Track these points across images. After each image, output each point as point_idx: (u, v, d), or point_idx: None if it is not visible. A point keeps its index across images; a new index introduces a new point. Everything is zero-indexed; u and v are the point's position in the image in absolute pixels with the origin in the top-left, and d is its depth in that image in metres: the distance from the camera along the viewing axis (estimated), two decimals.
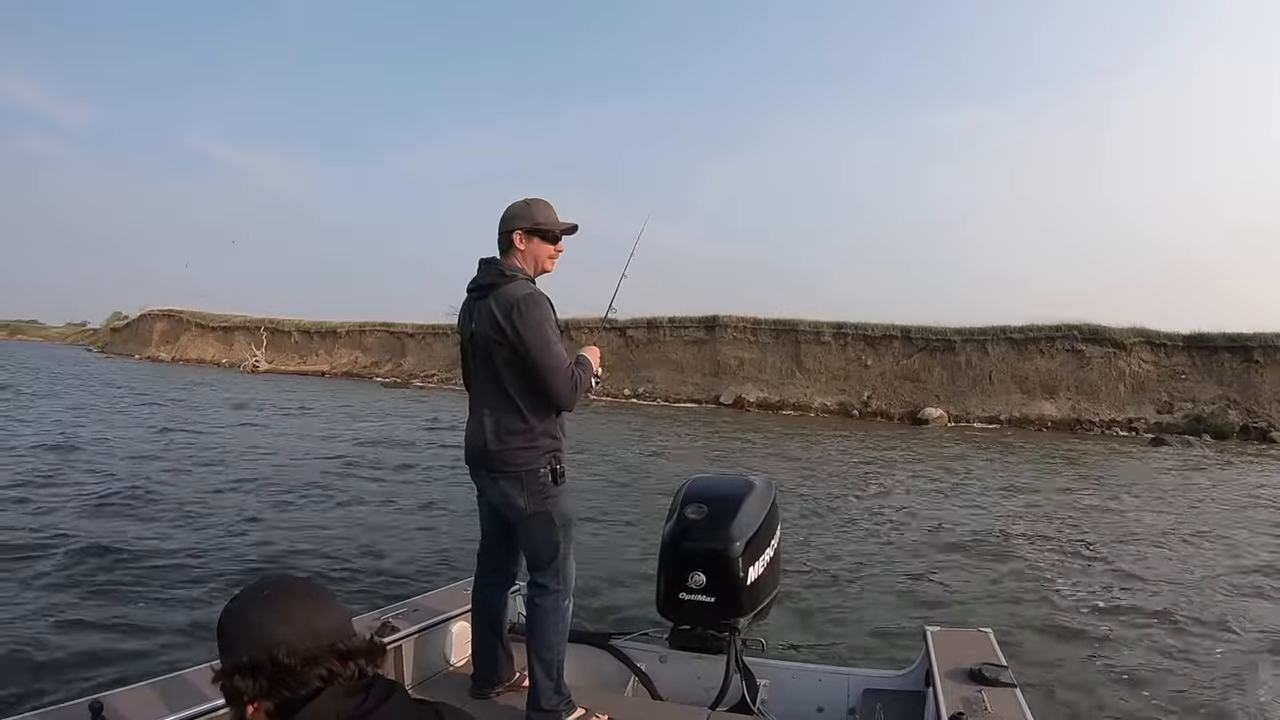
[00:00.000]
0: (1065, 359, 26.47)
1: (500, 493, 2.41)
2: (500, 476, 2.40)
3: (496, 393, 2.39)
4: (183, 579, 5.37)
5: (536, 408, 2.37)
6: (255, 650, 1.05)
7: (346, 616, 1.15)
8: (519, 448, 2.36)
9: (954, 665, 2.39)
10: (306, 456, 11.85)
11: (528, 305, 2.31)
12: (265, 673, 1.05)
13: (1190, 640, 5.07)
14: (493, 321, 2.34)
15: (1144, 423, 24.35)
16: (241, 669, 1.05)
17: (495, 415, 2.39)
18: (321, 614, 1.11)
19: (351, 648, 1.10)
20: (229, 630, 1.10)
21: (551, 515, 2.40)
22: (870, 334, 29.17)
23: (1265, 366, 24.65)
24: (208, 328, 50.58)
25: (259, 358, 44.37)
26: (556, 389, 2.34)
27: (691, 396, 30.11)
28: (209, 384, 29.87)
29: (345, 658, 1.08)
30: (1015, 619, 5.33)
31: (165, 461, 10.46)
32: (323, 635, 1.08)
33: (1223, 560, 7.37)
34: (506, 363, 2.35)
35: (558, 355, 2.34)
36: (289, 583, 1.16)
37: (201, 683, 1.92)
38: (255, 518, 7.35)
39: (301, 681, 1.05)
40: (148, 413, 17.35)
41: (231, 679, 1.06)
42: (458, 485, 9.12)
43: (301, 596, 1.12)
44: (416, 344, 41.09)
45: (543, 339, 2.31)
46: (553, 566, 2.43)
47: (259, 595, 1.12)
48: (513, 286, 2.36)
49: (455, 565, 5.77)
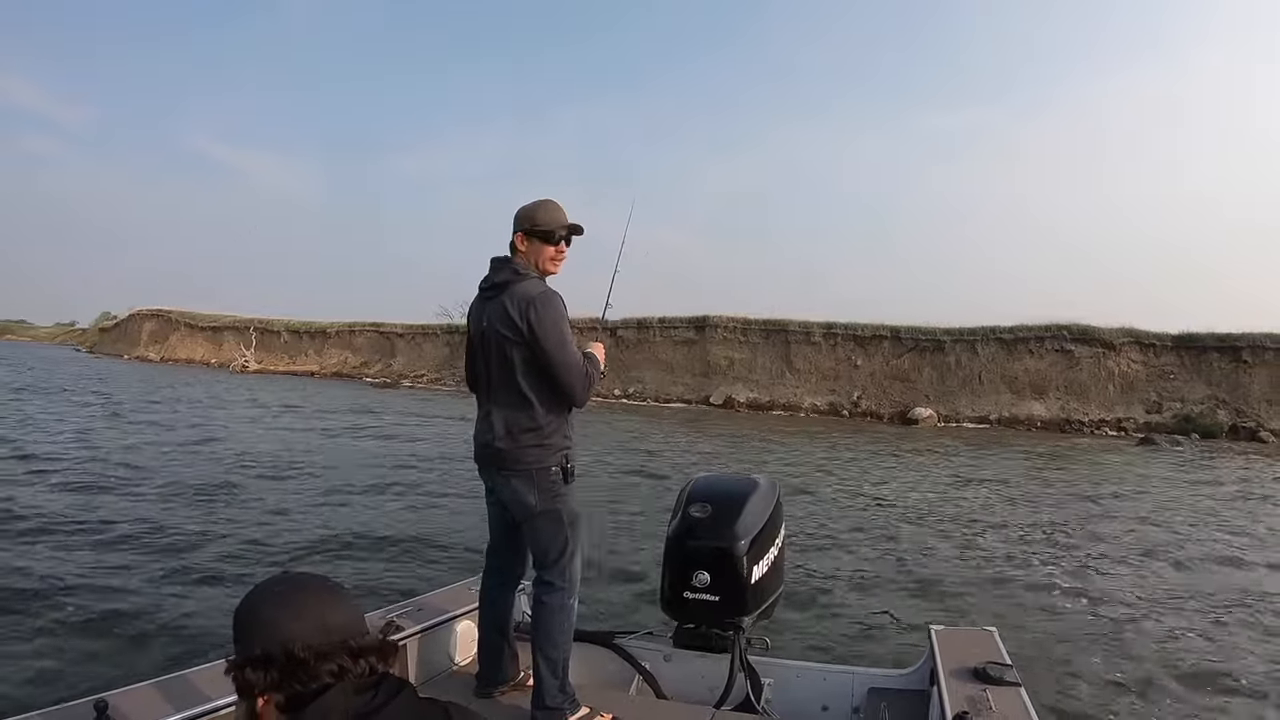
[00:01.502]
0: (1054, 359, 26.50)
1: (511, 490, 2.41)
2: (512, 474, 2.40)
3: (510, 391, 2.39)
4: (186, 579, 5.33)
5: (550, 405, 2.39)
6: (268, 643, 1.06)
7: (360, 614, 1.16)
8: (532, 445, 2.37)
9: (958, 664, 2.38)
10: (308, 454, 11.83)
11: (543, 303, 2.33)
12: (277, 666, 1.05)
13: (1196, 637, 5.05)
14: (507, 319, 2.34)
15: (1133, 422, 24.42)
16: (253, 661, 1.06)
17: (507, 413, 2.39)
18: (335, 610, 1.11)
19: (363, 645, 1.10)
20: (243, 623, 1.11)
21: (561, 513, 2.42)
22: (860, 334, 29.14)
23: (1254, 366, 24.75)
24: (196, 328, 50.24)
25: (248, 358, 44.10)
26: (572, 386, 2.37)
27: (681, 397, 30.01)
28: (202, 383, 29.62)
29: (356, 654, 1.09)
30: (1018, 617, 5.28)
31: (176, 459, 10.44)
32: (335, 631, 1.09)
33: (1226, 557, 7.41)
34: (522, 361, 2.35)
35: (574, 353, 2.36)
36: (303, 578, 1.17)
37: (206, 682, 1.94)
38: (262, 517, 7.33)
39: (312, 676, 1.06)
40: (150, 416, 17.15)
41: (243, 671, 1.07)
42: (464, 484, 9.15)
43: (316, 592, 1.13)
44: (406, 344, 40.87)
45: (559, 336, 2.33)
46: (560, 564, 2.43)
47: (274, 590, 1.14)
48: (527, 285, 2.37)
49: (460, 564, 5.78)
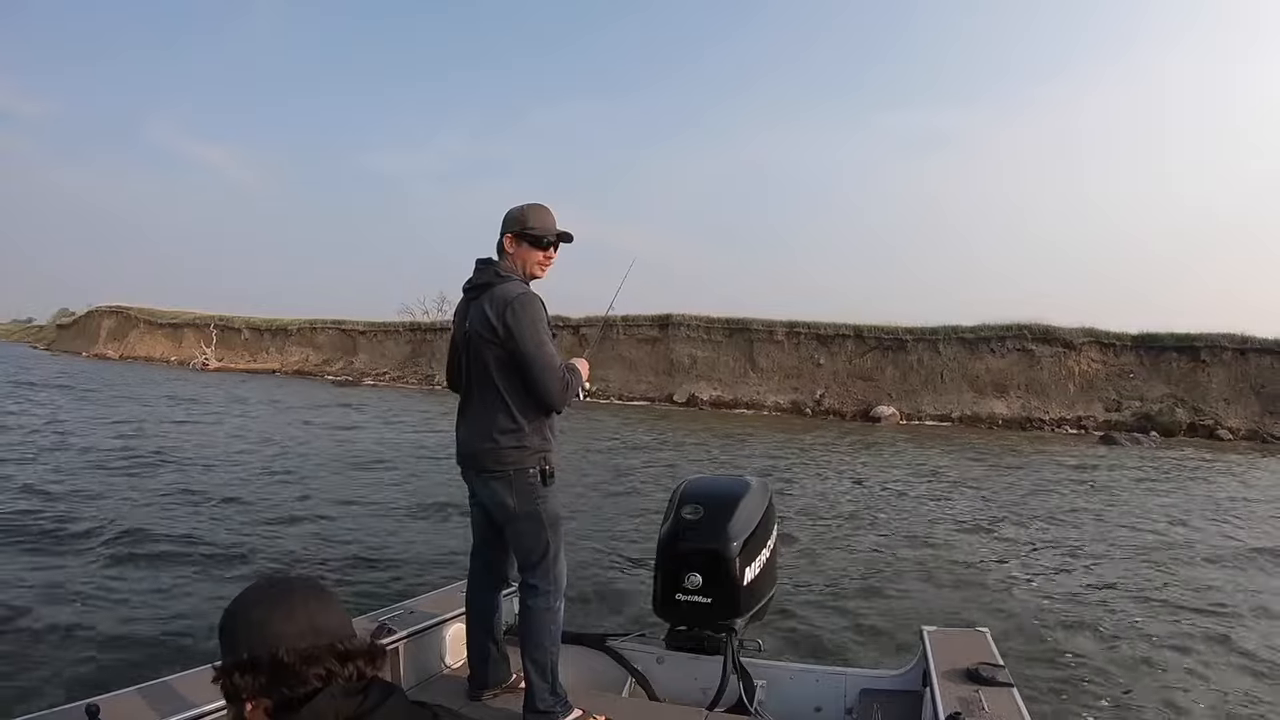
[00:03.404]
0: (1016, 358, 26.62)
1: (491, 492, 2.43)
2: (491, 476, 2.41)
3: (487, 392, 2.40)
4: (173, 582, 5.29)
5: (527, 408, 2.38)
6: (256, 648, 1.05)
7: (347, 618, 1.14)
8: (509, 447, 2.37)
9: (951, 665, 2.39)
10: (296, 457, 11.62)
11: (521, 305, 2.33)
12: (265, 670, 1.04)
13: (1184, 636, 5.09)
14: (485, 321, 2.36)
15: (1093, 420, 24.61)
16: (241, 666, 1.05)
17: (486, 415, 2.40)
18: (323, 614, 1.10)
19: (351, 648, 1.09)
20: (230, 627, 1.09)
21: (541, 515, 2.41)
22: (823, 333, 29.07)
23: (1211, 366, 25.06)
24: (156, 325, 49.24)
25: (209, 355, 43.21)
26: (548, 388, 2.36)
27: (645, 395, 29.72)
28: (156, 383, 28.86)
29: (345, 658, 1.08)
30: (1008, 617, 5.29)
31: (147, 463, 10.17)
32: (323, 635, 1.08)
33: (1205, 552, 7.54)
34: (498, 362, 2.36)
35: (550, 355, 2.35)
36: (291, 582, 1.17)
37: (196, 686, 1.94)
38: (245, 520, 7.20)
39: (300, 680, 1.05)
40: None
41: (231, 676, 1.06)
42: (448, 486, 8.99)
43: (303, 596, 1.12)
44: (368, 342, 40.28)
45: (536, 338, 2.33)
46: (543, 567, 2.43)
47: (261, 594, 1.12)
48: (506, 287, 2.38)
49: (450, 567, 5.73)
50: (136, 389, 24.12)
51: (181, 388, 25.96)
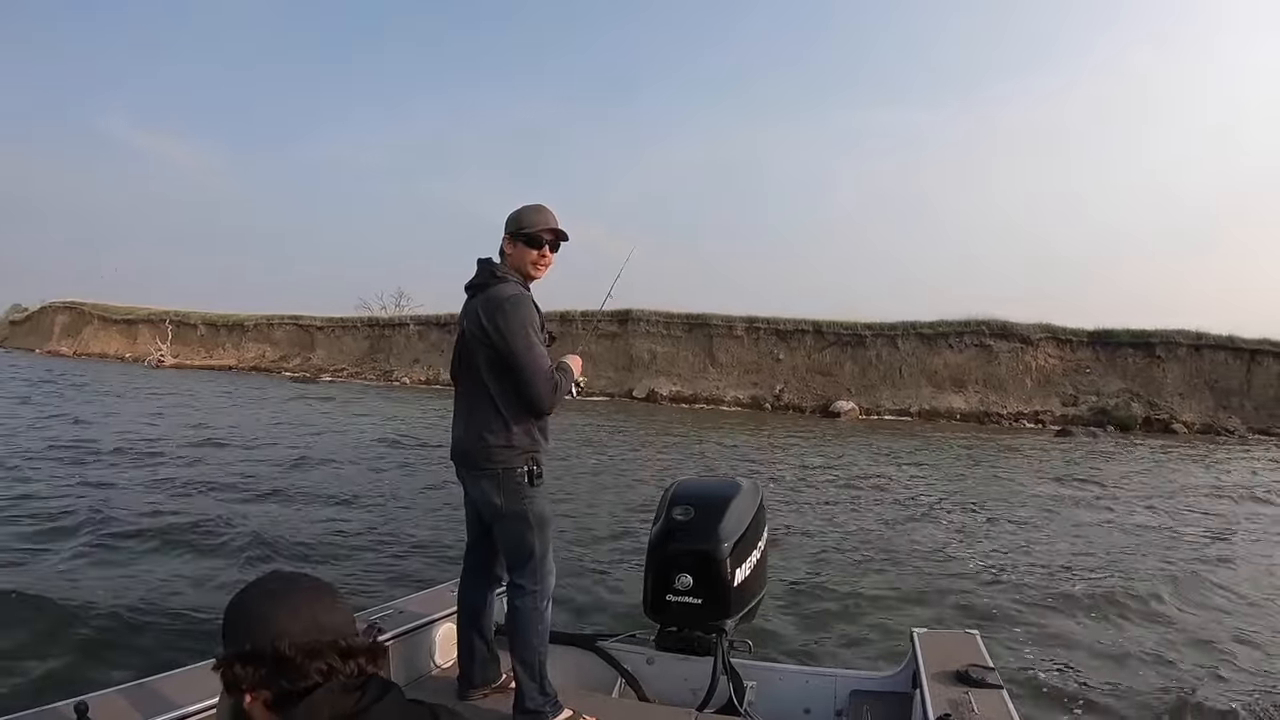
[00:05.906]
0: (974, 354, 26.70)
1: (480, 491, 2.44)
2: (480, 475, 2.42)
3: (479, 391, 2.41)
4: (169, 575, 5.27)
5: (516, 408, 2.39)
6: (258, 640, 1.05)
7: (350, 615, 1.14)
8: (498, 446, 2.38)
9: (941, 667, 2.39)
10: (280, 453, 11.44)
11: (511, 306, 2.34)
12: (266, 662, 1.04)
13: (1174, 634, 5.05)
14: (478, 321, 2.38)
15: (1050, 415, 24.79)
16: (243, 657, 1.05)
17: (477, 414, 2.42)
18: (326, 610, 1.10)
19: (353, 646, 1.10)
20: (234, 619, 1.10)
21: (528, 515, 2.41)
22: (782, 328, 28.96)
23: (1166, 361, 25.39)
24: (110, 320, 47.93)
25: (164, 352, 42.17)
26: (535, 390, 2.35)
27: (604, 390, 29.28)
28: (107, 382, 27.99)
29: (346, 655, 1.08)
30: (993, 618, 5.24)
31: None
32: (325, 631, 1.08)
33: (1188, 549, 7.51)
34: (489, 362, 2.37)
35: (538, 357, 2.35)
36: (296, 577, 1.16)
37: (185, 685, 1.95)
38: (238, 514, 7.13)
39: (301, 674, 1.04)
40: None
41: (232, 667, 1.06)
42: (441, 485, 8.95)
43: (308, 591, 1.12)
44: (326, 337, 39.45)
45: (524, 340, 2.33)
46: (529, 566, 2.43)
47: (267, 587, 1.13)
48: (500, 288, 2.40)
49: (441, 566, 5.69)
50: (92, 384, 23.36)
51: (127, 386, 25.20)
